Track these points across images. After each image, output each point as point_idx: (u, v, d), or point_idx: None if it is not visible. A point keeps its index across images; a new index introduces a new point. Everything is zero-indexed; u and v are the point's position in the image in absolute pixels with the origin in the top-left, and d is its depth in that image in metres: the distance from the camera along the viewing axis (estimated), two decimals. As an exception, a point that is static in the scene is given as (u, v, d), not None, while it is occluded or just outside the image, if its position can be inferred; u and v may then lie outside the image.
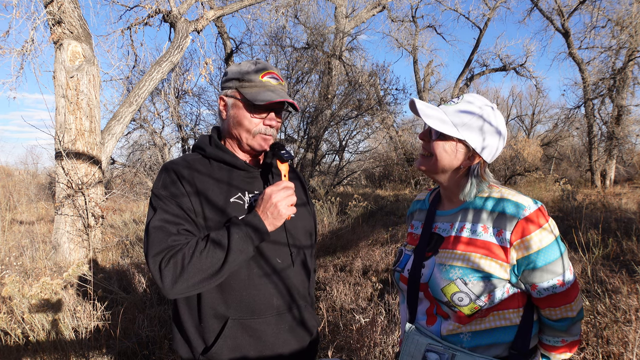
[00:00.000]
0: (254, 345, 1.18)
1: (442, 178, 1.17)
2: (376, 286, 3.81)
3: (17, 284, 2.83)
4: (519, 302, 1.10)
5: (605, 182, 14.16)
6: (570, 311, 1.08)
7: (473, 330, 1.08)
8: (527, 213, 1.04)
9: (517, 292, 1.09)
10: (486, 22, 16.88)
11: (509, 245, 1.05)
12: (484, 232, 1.08)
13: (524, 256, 1.05)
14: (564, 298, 1.07)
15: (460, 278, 1.05)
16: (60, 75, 5.36)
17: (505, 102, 30.08)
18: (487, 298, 1.05)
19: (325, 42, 11.96)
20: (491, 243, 1.06)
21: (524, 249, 1.04)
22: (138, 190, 11.91)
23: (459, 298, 1.05)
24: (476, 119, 1.10)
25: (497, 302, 1.06)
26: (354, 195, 8.82)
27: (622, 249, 4.68)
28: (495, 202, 1.09)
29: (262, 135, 1.24)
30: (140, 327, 3.11)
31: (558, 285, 1.05)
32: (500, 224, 1.06)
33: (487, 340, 1.07)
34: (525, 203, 1.05)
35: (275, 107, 1.25)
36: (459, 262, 1.07)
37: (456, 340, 1.09)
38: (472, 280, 1.05)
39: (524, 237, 1.03)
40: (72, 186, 5.22)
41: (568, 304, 1.08)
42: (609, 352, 2.45)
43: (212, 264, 1.07)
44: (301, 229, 1.33)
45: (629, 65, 13.63)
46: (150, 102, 11.63)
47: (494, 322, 1.08)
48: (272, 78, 1.24)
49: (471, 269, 1.06)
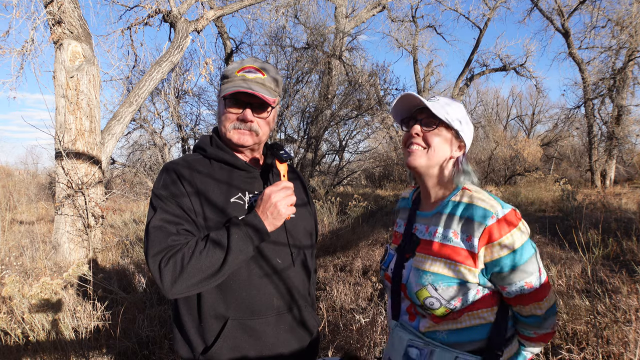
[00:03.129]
0: (253, 345, 1.18)
1: (433, 172, 1.18)
2: (376, 286, 3.81)
3: (17, 284, 2.83)
4: (493, 301, 1.13)
5: (605, 182, 14.16)
6: (539, 309, 1.10)
7: (449, 329, 1.12)
8: (494, 220, 1.06)
9: (489, 292, 1.12)
10: (486, 22, 16.89)
11: (477, 251, 1.07)
12: (454, 238, 1.11)
13: (492, 260, 1.07)
14: (532, 297, 1.09)
15: (431, 284, 1.10)
16: (60, 75, 5.36)
17: (505, 102, 30.10)
18: (457, 302, 1.08)
19: (325, 42, 11.96)
20: (460, 249, 1.09)
21: (491, 254, 1.07)
22: (138, 190, 11.91)
23: (430, 302, 1.10)
24: (457, 111, 1.17)
25: (470, 303, 1.10)
26: (354, 195, 8.82)
27: (622, 249, 4.68)
28: (464, 208, 1.12)
29: (237, 129, 1.23)
30: (140, 327, 3.10)
31: (526, 288, 1.08)
32: (468, 230, 1.09)
33: (464, 337, 1.11)
34: (493, 209, 1.07)
35: (253, 102, 1.22)
36: (431, 268, 1.11)
37: (434, 336, 1.13)
38: (442, 286, 1.08)
39: (491, 242, 1.06)
40: (72, 186, 5.22)
41: (536, 302, 1.10)
42: (609, 352, 2.45)
43: (212, 264, 1.07)
44: (301, 229, 1.33)
45: (629, 65, 13.63)
46: (150, 102, 11.64)
47: (468, 322, 1.11)
48: (249, 72, 1.23)
49: (441, 274, 1.09)
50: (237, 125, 1.23)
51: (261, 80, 1.23)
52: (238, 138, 1.24)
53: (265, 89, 1.23)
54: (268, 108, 1.26)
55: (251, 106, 1.23)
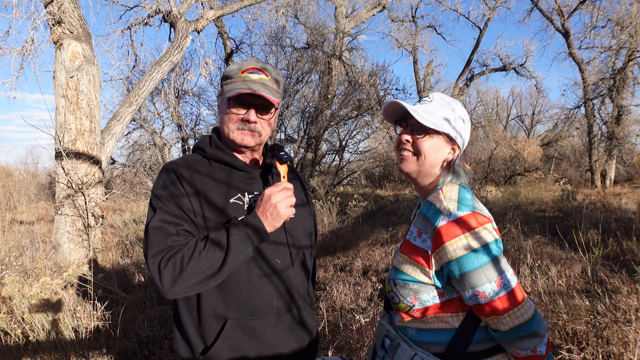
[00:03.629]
0: (253, 345, 1.19)
1: (427, 176, 1.18)
2: (376, 286, 3.81)
3: (17, 284, 2.83)
4: (459, 307, 1.10)
5: (605, 182, 14.16)
6: (501, 324, 1.02)
7: (418, 327, 1.14)
8: (444, 222, 1.03)
9: (455, 297, 1.09)
10: (486, 22, 16.89)
11: (430, 252, 1.07)
12: (417, 237, 1.12)
13: (443, 264, 1.05)
14: (490, 310, 1.02)
15: (392, 279, 1.16)
16: (60, 75, 5.36)
17: (505, 102, 30.11)
18: (414, 300, 1.11)
19: (325, 42, 11.96)
20: (419, 248, 1.10)
21: (441, 257, 1.05)
22: (138, 190, 11.91)
23: (392, 296, 1.16)
24: (450, 112, 1.16)
25: (430, 304, 1.10)
26: (354, 195, 8.82)
27: (622, 249, 4.68)
28: (427, 207, 1.11)
29: (241, 130, 1.23)
30: (140, 327, 3.11)
31: (480, 297, 1.02)
32: (426, 229, 1.09)
33: (428, 338, 1.12)
34: (445, 211, 1.04)
35: (257, 103, 1.23)
36: (398, 264, 1.16)
37: (405, 332, 1.17)
38: (399, 282, 1.13)
39: (440, 245, 1.04)
40: (72, 186, 5.22)
41: (495, 316, 1.02)
42: (609, 352, 2.45)
43: (211, 265, 1.07)
44: (301, 229, 1.33)
45: (629, 65, 13.64)
46: (150, 102, 11.64)
47: (433, 324, 1.11)
48: (252, 73, 1.23)
49: (401, 271, 1.14)
50: (241, 126, 1.23)
51: (265, 81, 1.23)
52: (241, 139, 1.24)
53: (268, 90, 1.23)
54: (272, 109, 1.26)
55: (255, 107, 1.23)
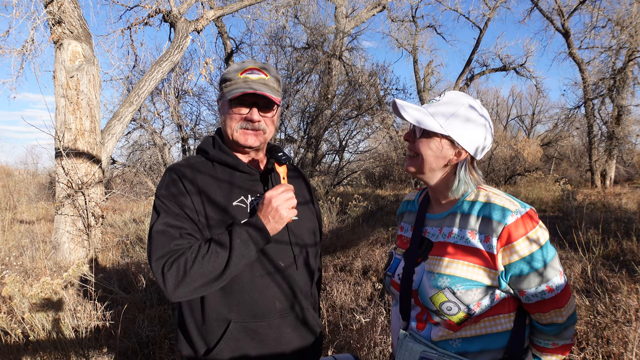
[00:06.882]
0: (255, 347, 1.19)
1: (430, 178, 1.15)
2: (376, 286, 3.81)
3: (17, 283, 2.83)
4: (511, 306, 1.08)
5: (605, 182, 14.17)
6: (560, 317, 1.05)
7: (463, 337, 1.06)
8: (514, 219, 1.01)
9: (507, 297, 1.07)
10: (486, 22, 16.90)
11: (495, 252, 1.02)
12: (471, 239, 1.05)
13: (511, 262, 1.02)
14: (553, 303, 1.04)
15: (448, 287, 1.03)
16: (60, 75, 5.36)
17: (505, 102, 30.14)
18: (476, 306, 1.03)
19: (325, 42, 11.97)
20: (478, 250, 1.04)
21: (511, 255, 1.01)
22: (138, 190, 11.91)
23: (448, 307, 1.04)
24: (458, 113, 1.08)
25: (488, 308, 1.04)
26: (354, 195, 8.82)
27: (622, 249, 4.68)
28: (481, 207, 1.06)
29: (244, 129, 1.24)
30: (141, 327, 3.11)
31: (547, 291, 1.02)
32: (487, 230, 1.03)
33: (478, 346, 1.05)
34: (512, 208, 1.02)
35: (258, 102, 1.24)
36: (447, 270, 1.05)
37: (445, 346, 1.07)
38: (460, 289, 1.03)
39: (510, 243, 1.01)
40: (72, 186, 5.22)
41: (557, 309, 1.04)
42: (609, 352, 2.45)
43: (215, 268, 1.07)
44: (305, 228, 1.33)
45: (629, 65, 13.64)
46: (150, 102, 11.64)
47: (485, 329, 1.06)
48: (251, 73, 1.24)
49: (459, 277, 1.04)
50: (244, 125, 1.24)
51: (265, 81, 1.24)
52: (245, 139, 1.24)
53: (269, 88, 1.24)
54: (274, 107, 1.27)
55: (257, 106, 1.24)
